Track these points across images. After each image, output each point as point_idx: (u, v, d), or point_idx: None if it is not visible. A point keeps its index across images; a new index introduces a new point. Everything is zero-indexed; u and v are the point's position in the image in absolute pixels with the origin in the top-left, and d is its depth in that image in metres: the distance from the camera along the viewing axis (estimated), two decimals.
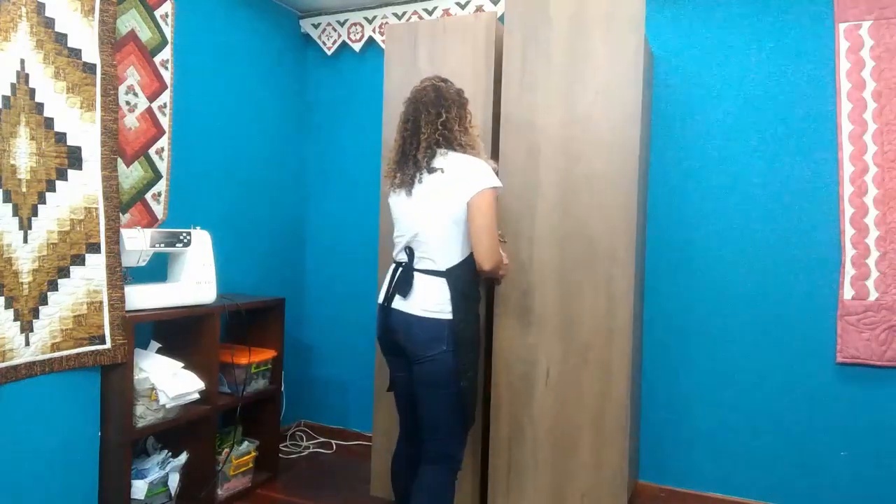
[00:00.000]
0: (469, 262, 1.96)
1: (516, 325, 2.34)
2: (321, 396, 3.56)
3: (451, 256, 1.95)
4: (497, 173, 1.99)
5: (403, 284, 1.96)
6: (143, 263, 2.42)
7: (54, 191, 2.07)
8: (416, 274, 1.96)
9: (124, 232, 2.32)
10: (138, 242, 2.35)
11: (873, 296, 2.45)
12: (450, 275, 1.93)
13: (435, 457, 1.99)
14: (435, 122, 1.94)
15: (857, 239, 2.48)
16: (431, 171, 1.93)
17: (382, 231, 2.68)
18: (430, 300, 1.93)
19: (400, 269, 2.01)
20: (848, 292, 2.49)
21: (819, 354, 2.56)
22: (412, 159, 1.97)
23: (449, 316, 1.92)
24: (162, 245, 2.43)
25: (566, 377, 2.30)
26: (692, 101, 2.73)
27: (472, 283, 1.99)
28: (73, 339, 2.13)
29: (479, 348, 2.01)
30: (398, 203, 2.03)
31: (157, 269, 2.57)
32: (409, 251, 1.99)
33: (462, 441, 2.05)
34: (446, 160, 1.94)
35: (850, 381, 2.51)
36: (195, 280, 2.53)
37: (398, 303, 1.98)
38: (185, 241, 2.51)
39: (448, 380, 1.93)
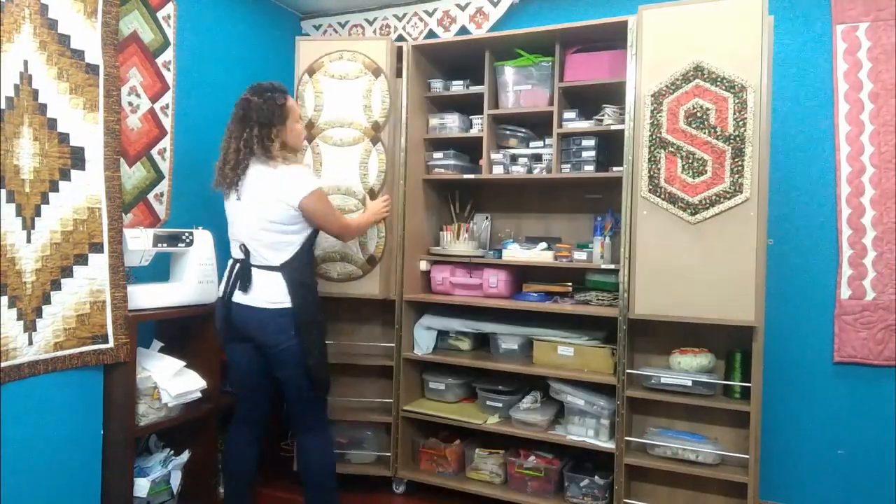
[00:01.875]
0: (301, 255, 2.18)
1: None
2: None
3: (282, 254, 2.15)
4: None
5: (243, 280, 2.16)
6: (146, 263, 2.44)
7: (57, 191, 2.08)
8: (254, 269, 2.16)
9: (127, 232, 2.34)
10: (141, 242, 2.37)
11: (870, 296, 2.47)
12: (284, 269, 2.14)
13: (310, 424, 2.27)
14: (239, 139, 2.15)
15: (854, 239, 2.49)
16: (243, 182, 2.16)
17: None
18: (271, 293, 2.14)
19: (238, 265, 2.19)
20: (845, 292, 2.51)
21: (817, 354, 2.57)
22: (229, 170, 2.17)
23: (289, 305, 2.13)
24: (164, 245, 2.45)
25: None
26: None
27: (306, 271, 2.23)
28: (76, 339, 2.14)
29: (321, 328, 2.23)
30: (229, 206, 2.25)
31: (160, 269, 2.59)
32: (245, 249, 2.18)
33: (322, 405, 2.31)
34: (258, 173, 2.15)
35: (848, 380, 2.53)
36: (197, 279, 2.54)
37: (240, 297, 2.17)
38: (188, 240, 2.52)
39: (297, 361, 2.16)
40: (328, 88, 2.75)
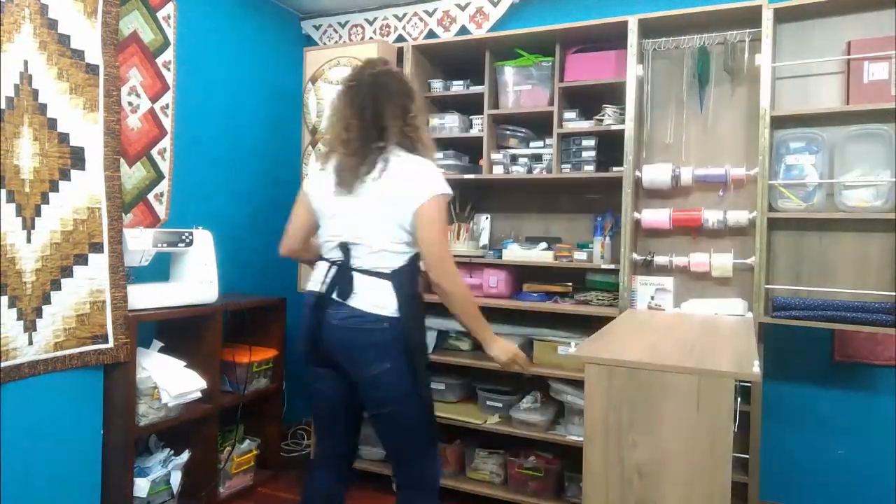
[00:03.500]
0: (412, 263, 1.78)
1: None
2: None
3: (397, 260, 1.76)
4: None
5: (342, 285, 1.75)
6: (146, 263, 2.44)
7: (57, 191, 2.08)
8: (356, 274, 1.75)
9: (127, 232, 2.34)
10: (141, 242, 2.37)
11: None
12: (394, 277, 1.74)
13: (416, 476, 1.86)
14: (403, 115, 1.75)
15: None
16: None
17: None
18: (376, 300, 1.73)
19: (335, 267, 1.78)
20: None
21: (816, 353, 2.57)
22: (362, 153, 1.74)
23: (396, 315, 1.72)
24: (164, 245, 2.45)
25: None
26: None
27: (415, 283, 1.81)
28: (76, 339, 2.14)
29: (426, 354, 1.86)
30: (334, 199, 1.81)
31: (160, 269, 2.59)
32: (346, 249, 1.77)
33: (434, 453, 1.90)
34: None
35: (848, 380, 2.53)
36: (197, 279, 2.54)
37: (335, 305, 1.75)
38: (188, 240, 2.52)
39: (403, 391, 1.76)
40: (328, 94, 2.79)
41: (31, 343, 2.01)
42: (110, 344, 2.23)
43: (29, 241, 2.01)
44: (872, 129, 2.20)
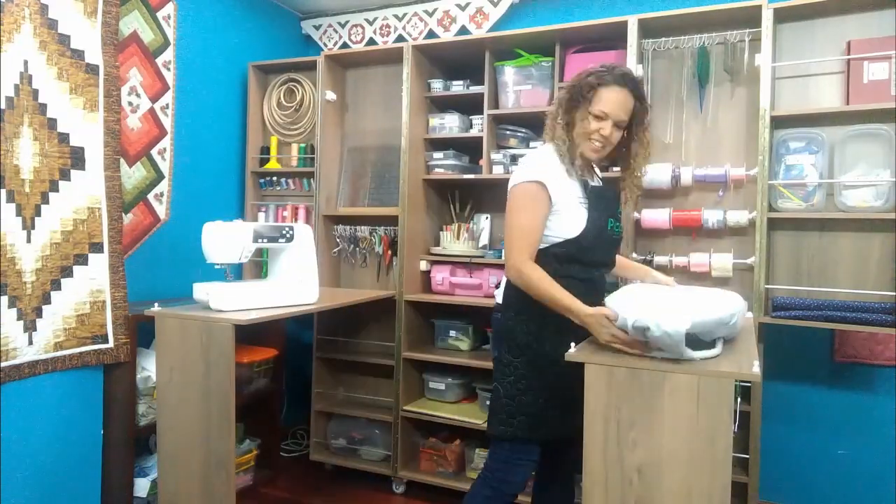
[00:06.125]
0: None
1: None
2: None
3: None
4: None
5: None
6: (245, 260, 2.20)
7: (57, 191, 2.08)
8: None
9: (227, 225, 2.12)
10: (241, 238, 2.15)
11: None
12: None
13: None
14: None
15: None
16: None
17: None
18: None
19: None
20: None
21: (817, 353, 2.57)
22: None
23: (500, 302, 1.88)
24: (265, 241, 2.23)
25: None
26: None
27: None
28: (76, 338, 2.14)
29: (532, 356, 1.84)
30: None
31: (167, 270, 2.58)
32: None
33: (495, 449, 1.92)
34: None
35: (848, 380, 2.53)
36: (298, 278, 2.35)
37: None
38: (288, 235, 2.31)
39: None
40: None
41: (31, 343, 2.01)
42: (110, 344, 2.23)
43: (29, 241, 2.01)
44: (872, 128, 2.20)
